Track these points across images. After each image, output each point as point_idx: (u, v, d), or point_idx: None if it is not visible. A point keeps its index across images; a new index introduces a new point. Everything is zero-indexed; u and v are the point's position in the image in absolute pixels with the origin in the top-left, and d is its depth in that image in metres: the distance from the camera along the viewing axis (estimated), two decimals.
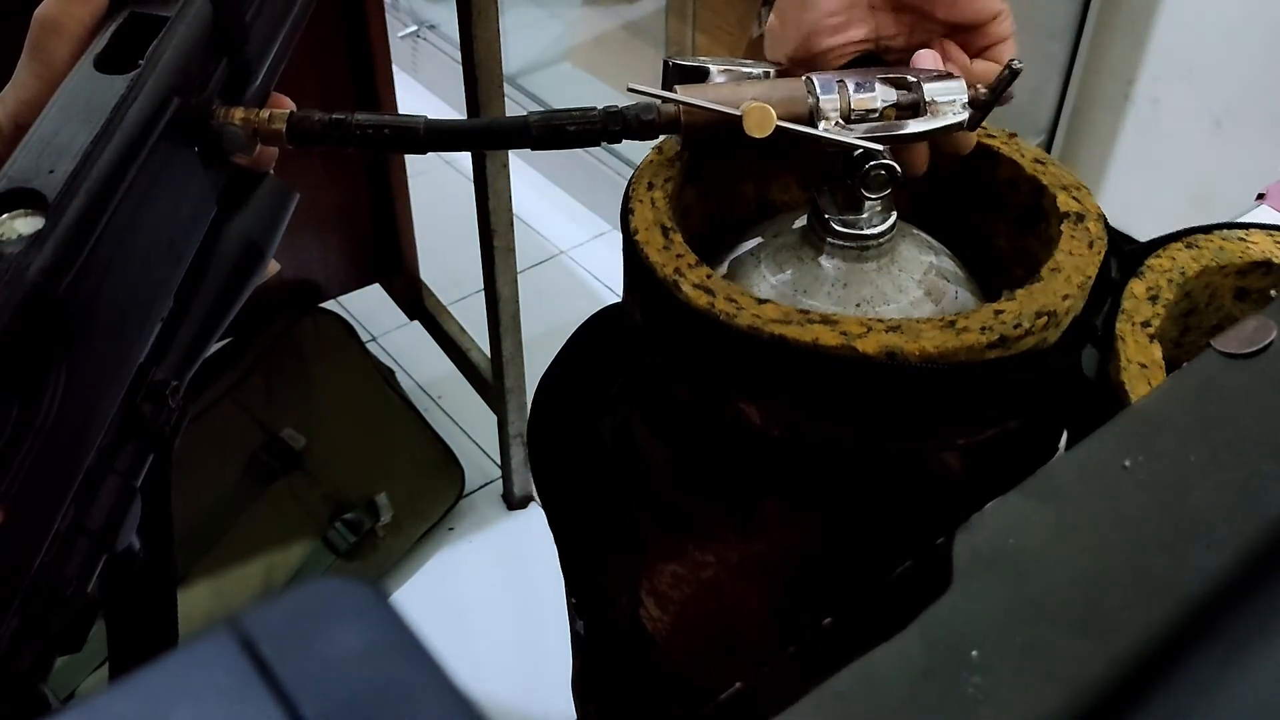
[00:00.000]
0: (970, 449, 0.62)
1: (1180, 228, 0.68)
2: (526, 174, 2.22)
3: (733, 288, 0.60)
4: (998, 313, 0.59)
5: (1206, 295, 0.67)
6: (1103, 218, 0.65)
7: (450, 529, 1.68)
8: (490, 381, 1.60)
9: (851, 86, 0.61)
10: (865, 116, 0.61)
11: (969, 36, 0.65)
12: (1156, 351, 0.61)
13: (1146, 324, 0.63)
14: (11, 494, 0.39)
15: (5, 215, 0.43)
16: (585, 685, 0.91)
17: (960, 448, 0.62)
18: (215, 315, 0.52)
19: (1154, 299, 0.64)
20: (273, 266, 0.55)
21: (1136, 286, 0.65)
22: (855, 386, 0.59)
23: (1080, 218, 0.65)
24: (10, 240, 0.42)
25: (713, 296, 0.60)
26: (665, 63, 0.64)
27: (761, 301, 0.59)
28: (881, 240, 0.65)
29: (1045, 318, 0.59)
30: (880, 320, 0.59)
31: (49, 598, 0.41)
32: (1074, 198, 0.66)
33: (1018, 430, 0.63)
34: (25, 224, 0.43)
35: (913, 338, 0.58)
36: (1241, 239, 0.67)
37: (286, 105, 0.57)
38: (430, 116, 0.54)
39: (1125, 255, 0.66)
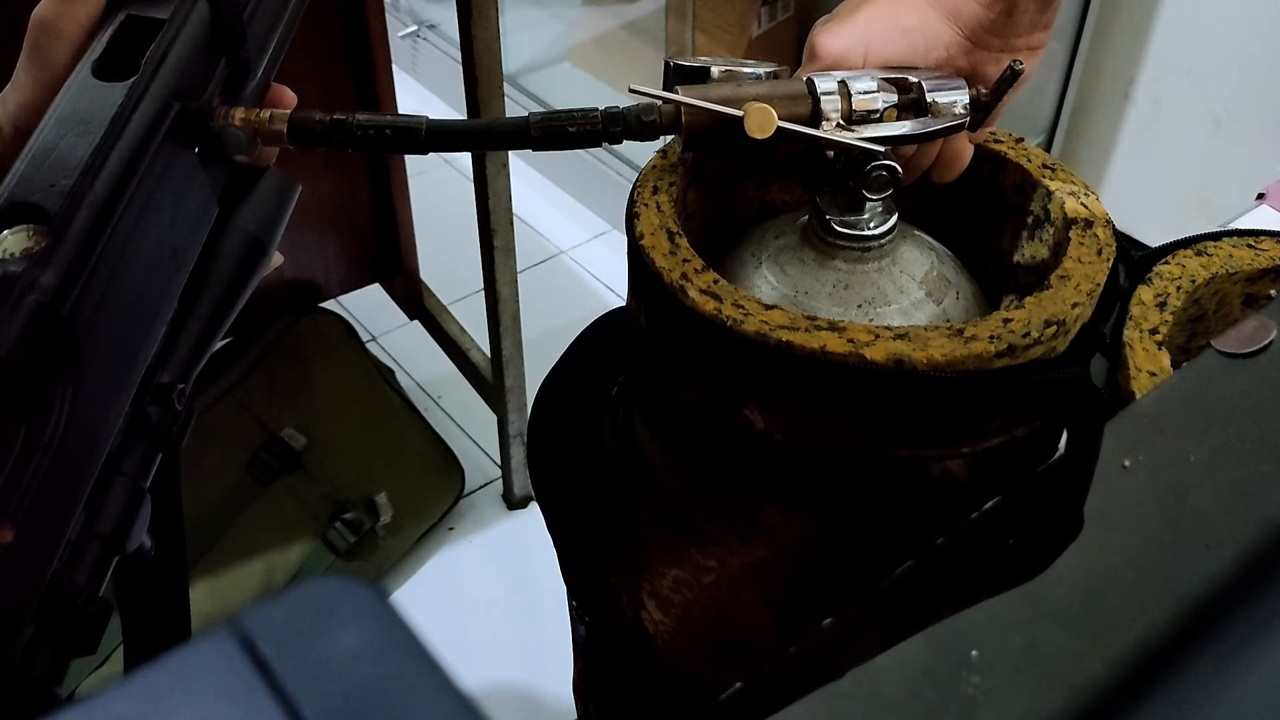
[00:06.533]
0: (976, 456, 0.62)
1: (1180, 227, 0.68)
2: (526, 174, 2.22)
3: (739, 293, 0.60)
4: (1006, 321, 0.59)
5: (1215, 302, 0.67)
6: (1110, 224, 0.65)
7: (450, 529, 1.68)
8: (490, 381, 1.60)
9: (853, 88, 0.60)
10: (866, 118, 0.61)
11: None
12: (1165, 359, 0.61)
13: (1154, 331, 0.62)
14: (22, 511, 0.39)
15: (6, 231, 0.42)
16: (586, 686, 0.91)
17: (965, 455, 0.62)
18: (219, 314, 0.51)
19: (1162, 306, 0.63)
20: (276, 259, 0.55)
21: (1145, 293, 0.64)
22: (862, 394, 0.59)
23: (1089, 224, 0.64)
24: (13, 258, 0.42)
25: (719, 302, 0.60)
26: (666, 63, 0.64)
27: (769, 307, 0.59)
28: (883, 241, 0.65)
29: (1054, 326, 0.59)
30: (888, 328, 0.59)
31: (62, 604, 0.41)
32: (1082, 204, 0.66)
33: (1024, 438, 0.62)
34: (28, 240, 0.42)
35: (920, 346, 0.57)
36: (1251, 245, 0.66)
37: (287, 97, 0.57)
38: (431, 116, 0.54)
39: (1133, 261, 0.66)
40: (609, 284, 2.07)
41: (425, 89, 2.49)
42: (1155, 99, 1.81)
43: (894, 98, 0.61)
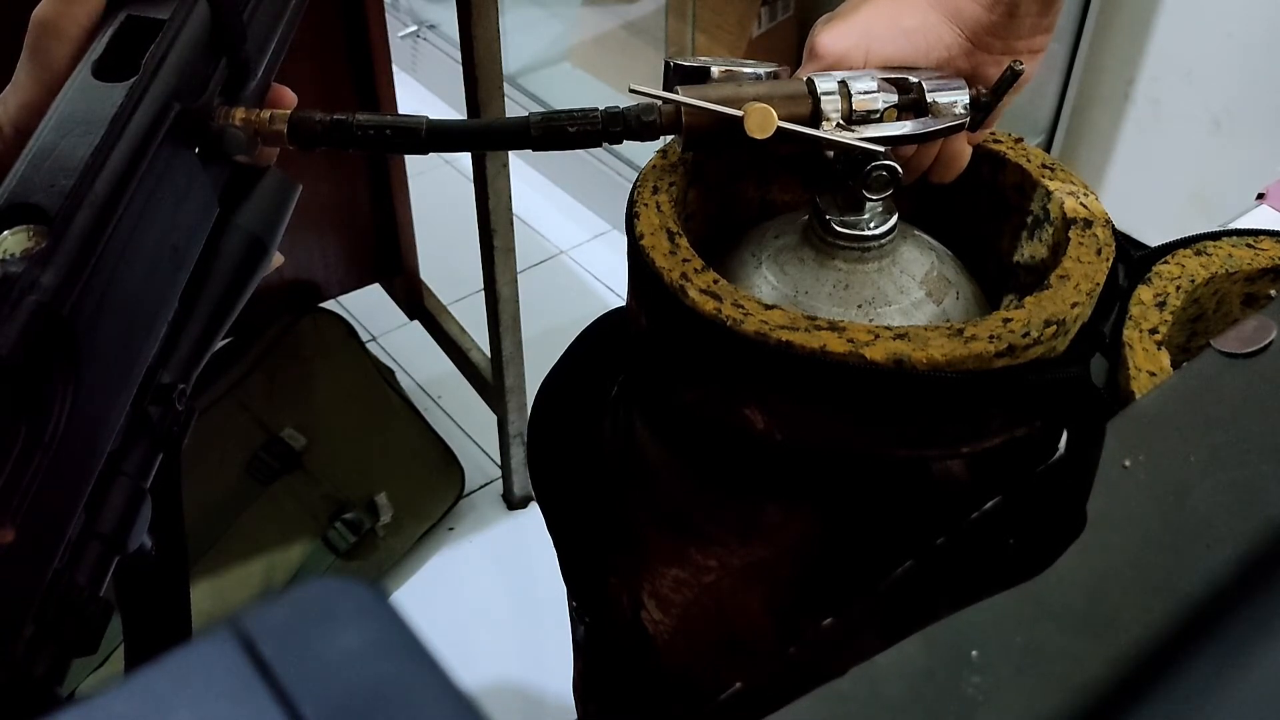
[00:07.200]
0: (976, 456, 0.62)
1: (1180, 227, 0.68)
2: (526, 174, 2.22)
3: (739, 293, 0.60)
4: (1006, 321, 0.59)
5: (1214, 302, 0.67)
6: (1110, 223, 0.65)
7: (450, 529, 1.68)
8: (490, 381, 1.60)
9: (853, 88, 0.60)
10: (866, 118, 0.61)
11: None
12: (1165, 359, 0.61)
13: (1154, 331, 0.62)
14: (22, 511, 0.39)
15: (7, 231, 0.42)
16: (586, 686, 0.91)
17: (965, 455, 0.62)
18: (220, 314, 0.52)
19: (1161, 305, 0.63)
20: (276, 259, 0.55)
21: (1144, 293, 0.64)
22: (862, 394, 0.59)
23: (1088, 224, 0.64)
24: (13, 258, 0.42)
25: (719, 302, 0.60)
26: (666, 63, 0.64)
27: (769, 307, 0.59)
28: (883, 241, 0.65)
29: (1054, 326, 0.59)
30: (888, 328, 0.59)
31: (63, 603, 0.41)
32: (1082, 203, 0.66)
33: (1024, 438, 0.62)
34: (28, 240, 0.42)
35: (920, 346, 0.57)
36: (1251, 245, 0.66)
37: (287, 97, 0.57)
38: (431, 116, 0.54)
39: (1133, 261, 0.66)
40: (609, 284, 2.07)
41: (425, 89, 2.49)
42: (1155, 99, 1.81)
43: (894, 98, 0.61)
